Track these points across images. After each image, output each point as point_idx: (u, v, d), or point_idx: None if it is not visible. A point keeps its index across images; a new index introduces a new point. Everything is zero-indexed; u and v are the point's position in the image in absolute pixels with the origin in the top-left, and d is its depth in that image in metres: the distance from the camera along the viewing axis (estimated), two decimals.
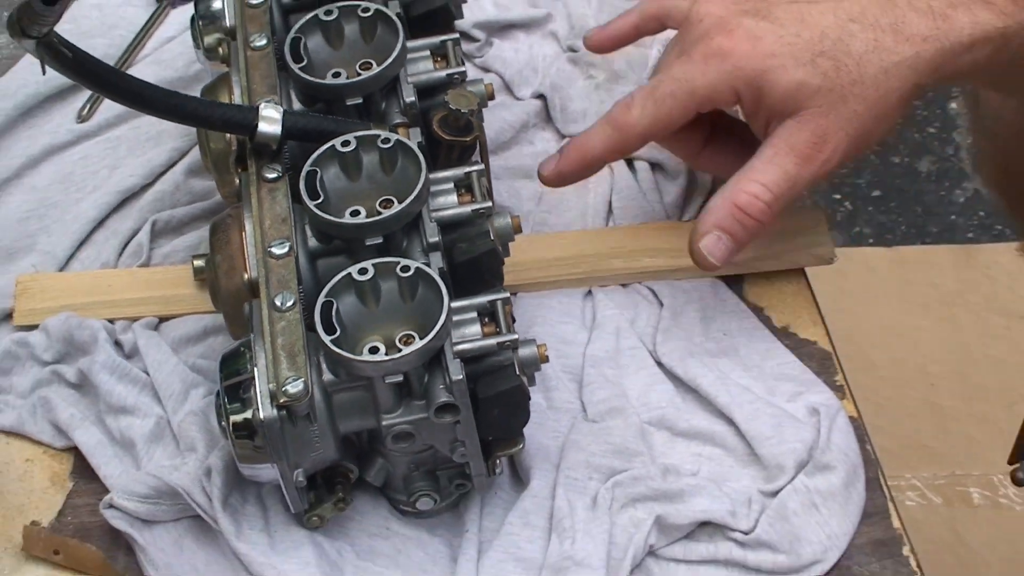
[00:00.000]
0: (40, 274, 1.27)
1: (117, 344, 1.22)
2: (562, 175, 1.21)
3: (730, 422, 1.18)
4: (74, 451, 1.19)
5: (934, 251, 2.53)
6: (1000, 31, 1.08)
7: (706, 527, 1.13)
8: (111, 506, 1.13)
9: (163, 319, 1.25)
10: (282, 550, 1.11)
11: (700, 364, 1.21)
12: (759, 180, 1.13)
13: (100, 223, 1.31)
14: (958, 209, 2.58)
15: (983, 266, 2.51)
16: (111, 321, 1.24)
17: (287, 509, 1.12)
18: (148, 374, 1.20)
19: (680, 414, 1.19)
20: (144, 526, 1.13)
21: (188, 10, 1.40)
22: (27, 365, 1.22)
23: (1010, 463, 1.06)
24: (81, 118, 1.37)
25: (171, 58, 1.40)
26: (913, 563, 1.13)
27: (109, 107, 1.37)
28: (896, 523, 1.15)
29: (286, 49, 1.17)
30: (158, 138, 1.35)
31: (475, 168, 1.13)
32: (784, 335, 1.25)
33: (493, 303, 1.07)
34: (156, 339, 1.22)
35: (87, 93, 1.38)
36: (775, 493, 1.14)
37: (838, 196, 1.21)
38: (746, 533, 1.12)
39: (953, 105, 2.72)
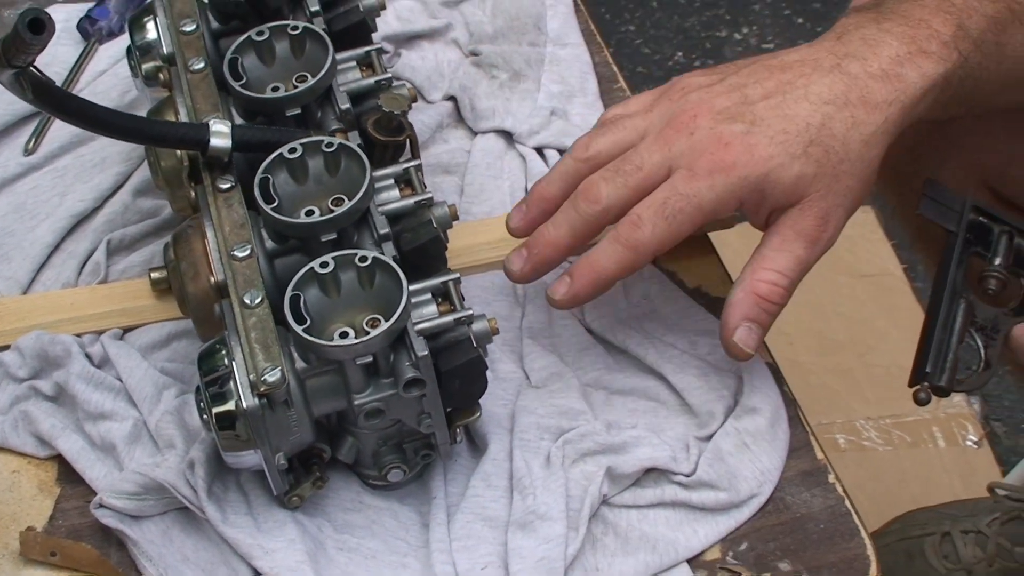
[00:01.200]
0: (5, 298, 1.26)
1: (87, 356, 1.21)
2: (577, 297, 1.14)
3: (660, 377, 1.20)
4: (58, 459, 1.17)
5: None
6: (942, 75, 1.10)
7: (651, 474, 1.15)
8: (101, 506, 1.12)
9: (127, 330, 1.24)
10: (267, 530, 1.10)
11: (627, 327, 1.22)
12: (774, 268, 1.12)
13: (56, 247, 1.30)
14: None
15: None
16: (78, 336, 1.22)
17: (267, 493, 1.12)
18: (121, 381, 1.19)
19: (614, 375, 1.21)
20: (133, 521, 1.12)
21: (115, 45, 1.40)
22: (3, 383, 1.21)
23: (910, 386, 1.09)
24: (27, 151, 1.35)
25: (106, 90, 1.39)
26: (839, 489, 1.16)
27: (52, 139, 1.35)
28: (820, 455, 1.17)
29: (225, 69, 1.17)
30: (102, 164, 1.34)
31: (412, 164, 1.15)
32: (698, 295, 1.27)
33: (445, 284, 1.08)
34: (125, 347, 1.21)
35: (31, 127, 1.36)
36: (709, 437, 1.16)
37: None
38: (688, 475, 1.14)
39: None
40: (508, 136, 1.37)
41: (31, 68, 0.96)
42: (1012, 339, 1.12)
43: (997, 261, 1.15)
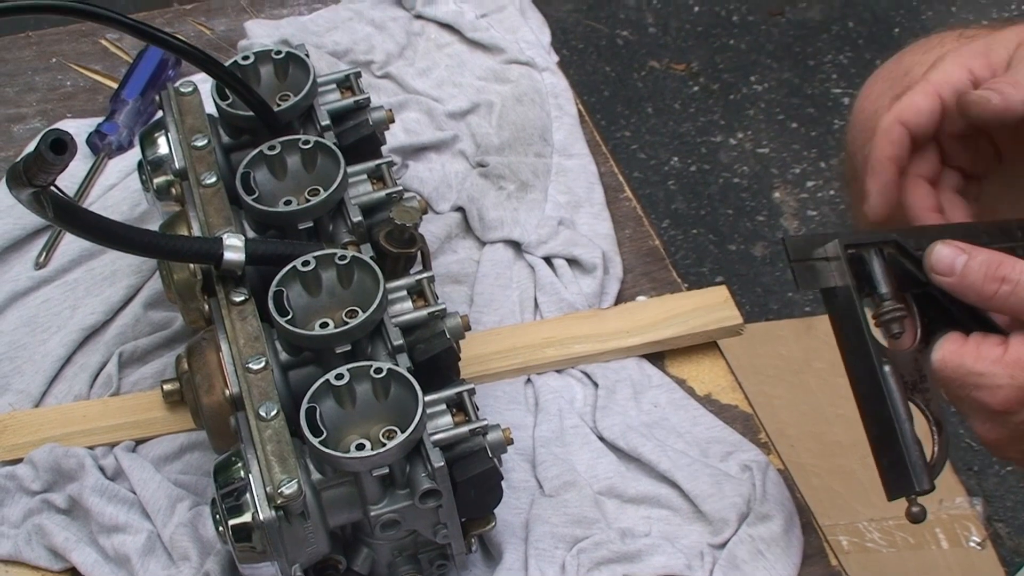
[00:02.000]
0: (17, 411, 1.26)
1: (100, 469, 1.21)
2: None
3: (673, 485, 1.20)
4: (72, 572, 1.17)
5: (778, 326, 2.58)
6: None
7: None
8: None
9: (139, 442, 1.24)
10: None
11: (638, 435, 1.23)
12: None
13: (68, 360, 1.30)
14: (793, 287, 2.64)
15: (823, 335, 2.55)
16: (91, 448, 1.22)
17: None
18: (135, 493, 1.19)
19: (627, 482, 1.21)
20: None
21: (124, 159, 1.41)
22: (16, 496, 1.21)
23: (891, 499, 1.05)
24: (39, 265, 1.36)
25: (115, 203, 1.40)
26: None
27: (63, 253, 1.36)
28: (833, 561, 1.18)
29: (238, 183, 1.18)
30: (112, 277, 1.34)
31: (425, 275, 1.16)
32: (708, 402, 1.28)
33: (460, 394, 1.09)
34: (138, 460, 1.21)
35: (42, 242, 1.37)
36: (723, 545, 1.16)
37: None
38: None
39: (777, 195, 2.79)
40: (516, 246, 1.38)
41: (52, 187, 0.97)
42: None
43: (883, 290, 1.03)
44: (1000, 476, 2.38)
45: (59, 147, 0.94)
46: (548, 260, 1.37)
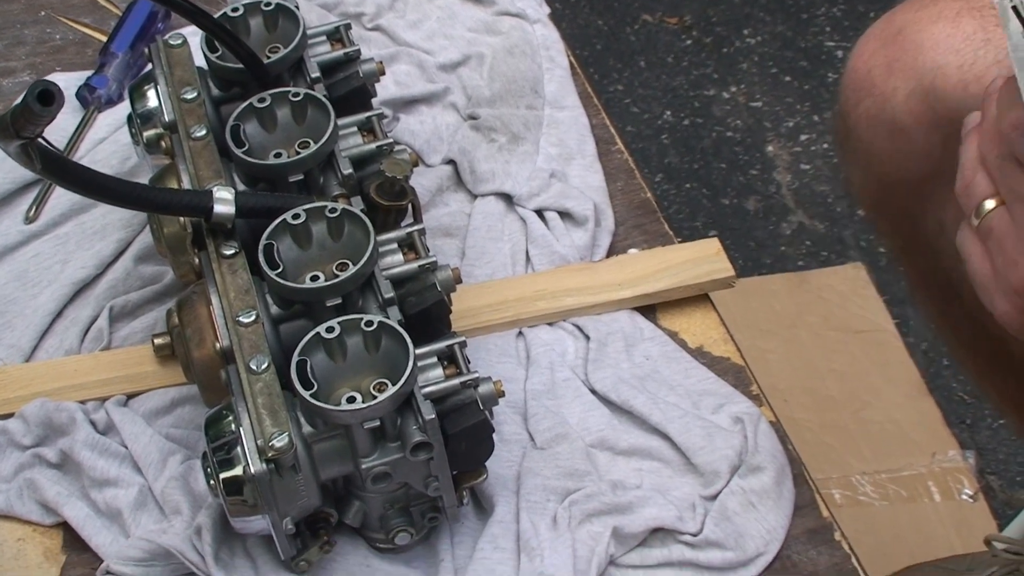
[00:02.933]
0: (8, 366, 1.26)
1: (92, 423, 1.21)
2: None
3: (665, 437, 1.20)
4: (63, 526, 1.17)
5: (771, 280, 2.57)
6: None
7: (658, 533, 1.15)
8: (107, 573, 1.12)
9: (130, 396, 1.24)
10: None
11: (630, 388, 1.23)
12: None
13: (59, 314, 1.30)
14: (786, 241, 2.63)
15: (816, 289, 2.56)
16: (82, 403, 1.22)
17: (275, 558, 1.12)
18: (126, 447, 1.19)
19: (618, 434, 1.21)
20: None
21: (114, 113, 1.41)
22: (8, 451, 1.20)
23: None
24: (28, 219, 1.35)
25: (105, 157, 1.39)
26: (845, 547, 1.16)
27: (53, 207, 1.36)
28: (825, 512, 1.18)
29: (227, 136, 1.18)
30: (103, 231, 1.34)
31: (416, 228, 1.15)
32: (699, 354, 1.28)
33: (451, 347, 1.09)
34: (130, 414, 1.21)
35: (31, 196, 1.37)
36: (715, 496, 1.17)
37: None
38: (694, 535, 1.15)
39: (770, 148, 2.78)
40: (508, 199, 1.38)
41: (39, 139, 0.97)
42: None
43: None
44: (993, 429, 2.38)
45: (46, 98, 0.94)
46: (540, 213, 1.36)
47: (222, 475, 1.04)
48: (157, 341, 1.21)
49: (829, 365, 2.48)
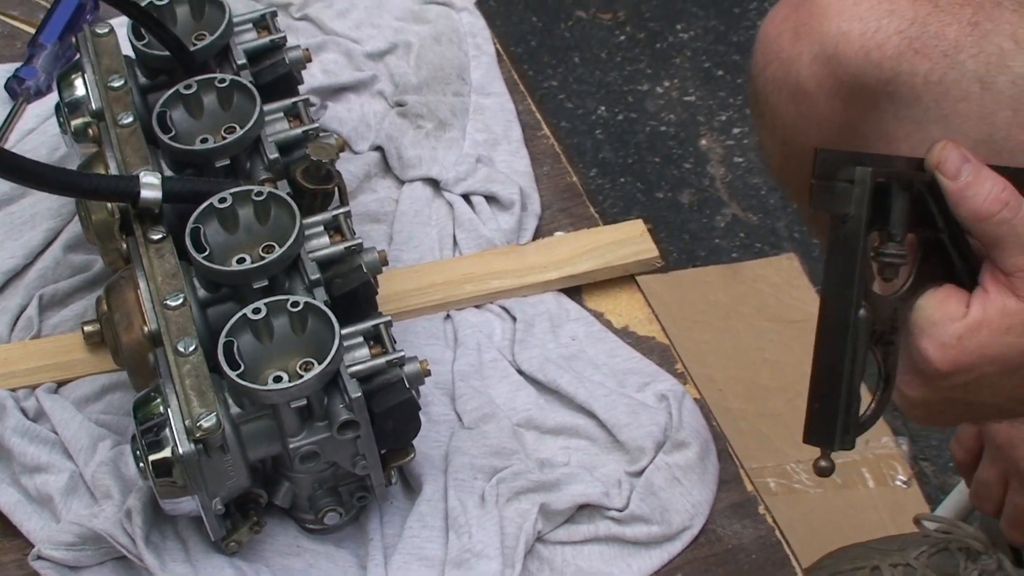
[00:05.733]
0: None
1: (22, 410, 1.21)
2: None
3: (591, 415, 1.22)
4: None
5: (705, 272, 2.60)
6: None
7: (584, 510, 1.17)
8: (39, 557, 1.13)
9: (61, 384, 1.25)
10: None
11: (556, 367, 1.25)
12: None
13: None
14: (720, 233, 2.66)
15: (750, 280, 2.59)
16: (12, 390, 1.23)
17: (205, 540, 1.13)
18: (56, 433, 1.20)
19: (545, 413, 1.23)
20: (72, 572, 1.13)
21: (43, 104, 1.41)
22: None
23: (806, 442, 1.03)
24: None
25: (34, 147, 1.40)
26: (769, 520, 1.18)
27: None
28: (749, 487, 1.20)
29: (154, 122, 1.19)
30: (32, 221, 1.34)
31: (341, 211, 1.16)
32: (624, 334, 1.29)
33: (377, 327, 1.10)
34: (60, 401, 1.22)
35: None
36: (640, 472, 1.18)
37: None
38: (620, 511, 1.16)
39: (703, 142, 2.80)
40: (435, 184, 1.39)
41: None
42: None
43: (896, 231, 0.96)
44: None
45: None
46: (466, 197, 1.38)
47: (151, 457, 1.05)
48: (87, 328, 1.22)
49: (763, 355, 2.51)
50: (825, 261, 0.97)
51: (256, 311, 1.07)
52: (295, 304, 1.07)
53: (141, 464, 1.07)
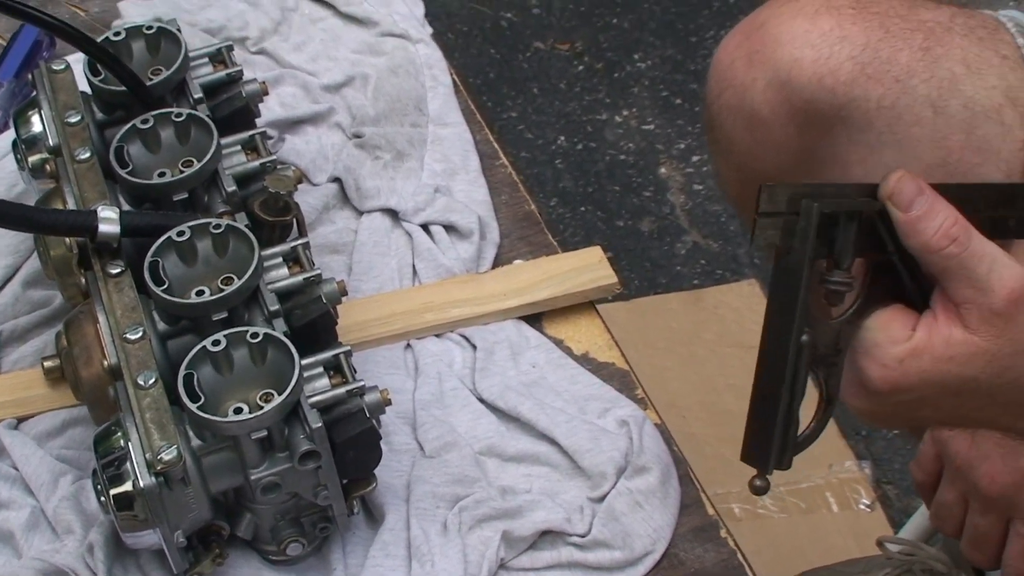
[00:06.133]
0: None
1: None
2: None
3: (552, 442, 1.23)
4: None
5: (667, 299, 2.61)
6: None
7: (547, 536, 1.17)
8: None
9: (21, 419, 1.24)
10: None
11: (517, 395, 1.25)
12: None
13: None
14: (681, 260, 2.67)
15: (711, 307, 2.60)
16: None
17: (168, 573, 1.13)
18: (17, 469, 1.19)
19: (506, 441, 1.23)
20: None
21: (0, 141, 1.41)
22: None
23: (742, 460, 1.04)
24: None
25: None
26: (731, 543, 1.19)
27: None
28: (711, 510, 1.20)
29: (112, 158, 1.19)
30: None
31: (300, 242, 1.17)
32: (585, 361, 1.30)
33: (337, 357, 1.10)
34: (20, 436, 1.22)
35: None
36: (602, 498, 1.19)
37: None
38: (583, 536, 1.17)
39: (663, 170, 2.82)
40: (394, 214, 1.40)
41: None
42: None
43: (843, 260, 0.96)
44: (887, 439, 2.42)
45: None
46: (425, 227, 1.39)
47: (112, 491, 1.05)
48: (47, 364, 1.22)
49: (726, 380, 2.51)
50: (769, 288, 0.97)
51: (216, 343, 1.08)
52: (255, 335, 1.08)
53: (103, 498, 1.06)
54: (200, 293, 1.11)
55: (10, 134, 1.31)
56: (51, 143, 1.23)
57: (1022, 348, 0.96)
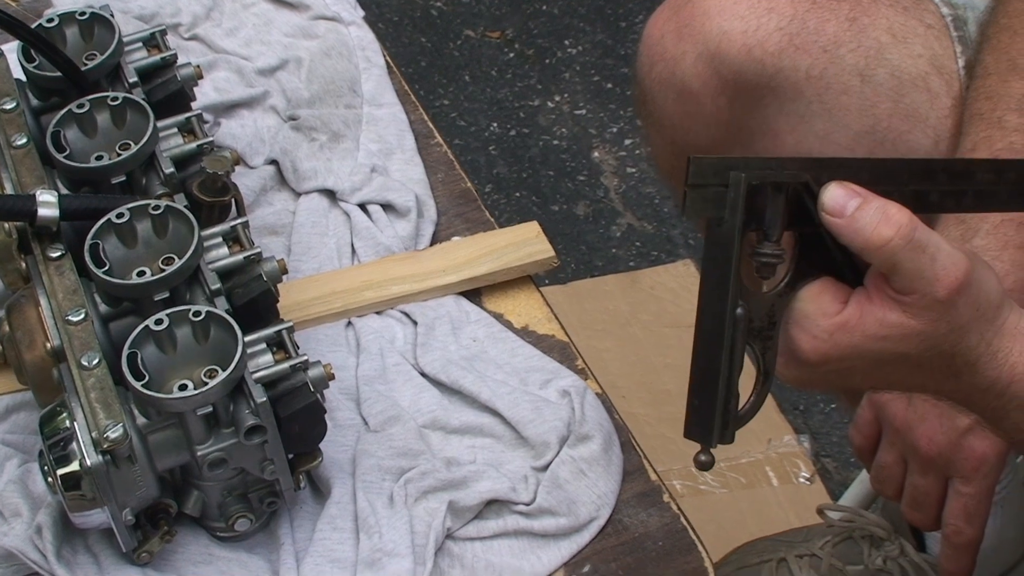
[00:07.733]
0: None
1: None
2: None
3: (495, 414, 1.24)
4: None
5: (603, 281, 2.62)
6: None
7: (493, 505, 1.19)
8: None
9: None
10: None
11: (459, 368, 1.26)
12: None
13: None
14: (616, 243, 2.69)
15: (648, 288, 2.62)
16: None
17: (117, 552, 1.13)
18: None
19: (450, 414, 1.24)
20: None
21: None
22: None
23: (685, 436, 1.05)
24: None
25: None
26: (674, 507, 1.21)
27: None
28: (653, 476, 1.22)
29: (48, 143, 1.20)
30: None
31: (239, 221, 1.18)
32: (525, 334, 1.32)
33: (279, 333, 1.12)
34: None
35: None
36: (546, 467, 1.20)
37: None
38: (528, 504, 1.18)
39: (596, 154, 2.83)
40: (331, 195, 1.41)
41: None
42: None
43: (772, 232, 0.96)
44: (825, 414, 2.45)
45: None
46: (363, 207, 1.40)
47: (59, 471, 1.06)
48: None
49: (664, 360, 2.53)
50: (702, 262, 0.98)
51: (158, 322, 1.08)
52: (197, 314, 1.09)
53: (50, 479, 1.07)
54: (141, 274, 1.12)
55: None
56: None
57: (957, 327, 0.96)
